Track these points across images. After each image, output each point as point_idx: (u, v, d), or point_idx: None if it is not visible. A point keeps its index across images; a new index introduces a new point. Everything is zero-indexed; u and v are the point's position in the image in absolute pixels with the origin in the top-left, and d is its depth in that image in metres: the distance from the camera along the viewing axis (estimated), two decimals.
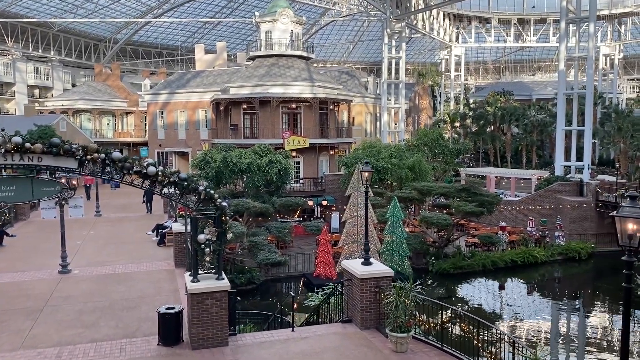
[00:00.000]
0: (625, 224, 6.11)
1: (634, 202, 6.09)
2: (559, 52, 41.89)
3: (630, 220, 6.04)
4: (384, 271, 13.04)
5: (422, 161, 36.69)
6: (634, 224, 6.02)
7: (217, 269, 12.06)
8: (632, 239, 6.05)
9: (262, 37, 46.43)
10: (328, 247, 28.44)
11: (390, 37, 54.30)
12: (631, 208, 6.05)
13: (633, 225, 6.03)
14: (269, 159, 33.46)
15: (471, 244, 34.45)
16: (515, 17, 68.72)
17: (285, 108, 43.57)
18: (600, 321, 26.33)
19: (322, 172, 43.66)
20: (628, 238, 6.10)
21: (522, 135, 63.12)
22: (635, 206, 6.03)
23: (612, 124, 47.91)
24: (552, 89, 79.88)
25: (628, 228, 6.07)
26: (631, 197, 6.19)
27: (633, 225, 6.02)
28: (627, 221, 6.09)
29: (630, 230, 6.04)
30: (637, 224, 6.01)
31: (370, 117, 57.83)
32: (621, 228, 6.17)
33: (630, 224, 6.04)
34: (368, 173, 13.68)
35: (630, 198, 6.18)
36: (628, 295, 6.26)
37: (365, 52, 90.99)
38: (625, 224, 6.11)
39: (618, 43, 70.52)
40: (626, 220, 6.09)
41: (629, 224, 6.05)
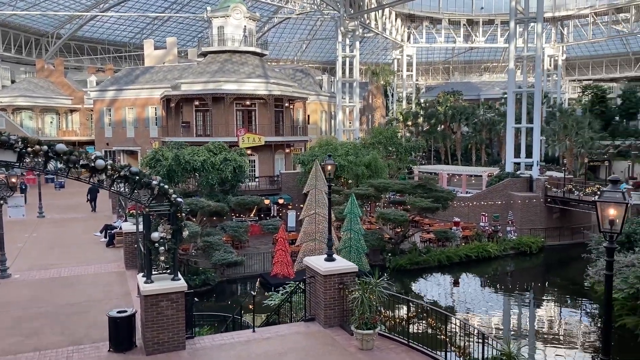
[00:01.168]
0: (606, 209, 5.95)
1: (615, 187, 5.94)
2: (509, 51, 42.95)
3: (612, 205, 5.89)
4: (348, 267, 12.70)
5: (378, 158, 36.74)
6: (615, 209, 5.88)
7: (172, 269, 11.36)
8: (613, 224, 5.90)
9: (214, 32, 45.30)
10: (286, 245, 27.93)
11: (344, 36, 54.29)
12: (612, 193, 5.90)
13: (614, 210, 5.88)
14: (223, 157, 32.62)
15: (426, 239, 34.76)
16: (465, 18, 70.16)
17: (240, 105, 42.70)
18: (549, 313, 26.99)
19: (278, 171, 43.05)
20: (609, 224, 5.94)
21: (472, 133, 64.63)
22: (616, 191, 5.88)
23: (558, 122, 49.59)
24: (499, 89, 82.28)
25: (609, 214, 5.92)
26: (612, 181, 6.04)
27: (614, 211, 5.87)
28: (608, 206, 5.93)
29: (612, 216, 5.89)
30: (618, 209, 5.86)
31: (326, 115, 57.64)
32: (602, 214, 6.01)
33: (611, 209, 5.89)
34: (331, 166, 13.30)
35: (611, 182, 6.03)
36: (609, 283, 6.12)
37: (319, 51, 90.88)
38: (606, 210, 5.95)
39: (561, 45, 73.25)
40: (607, 205, 5.93)
41: (610, 209, 5.90)
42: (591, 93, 79.34)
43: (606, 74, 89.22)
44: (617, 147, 63.79)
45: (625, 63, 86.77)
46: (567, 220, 39.31)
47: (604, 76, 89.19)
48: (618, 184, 5.99)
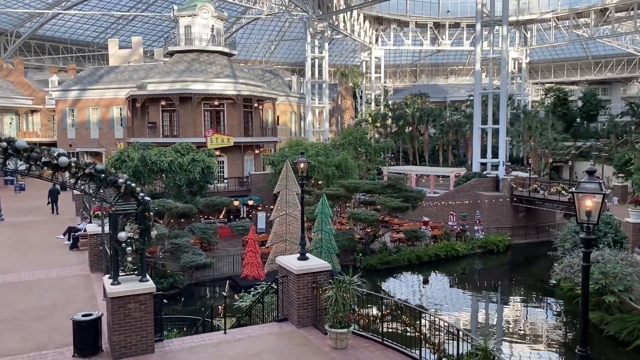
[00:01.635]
0: (583, 200, 5.97)
1: (592, 178, 5.97)
2: (475, 53, 43.67)
3: (588, 196, 5.91)
4: (321, 266, 12.55)
5: (349, 159, 36.78)
6: (592, 200, 5.90)
7: (140, 270, 10.99)
8: (590, 215, 5.92)
9: (181, 31, 44.59)
10: (256, 247, 27.59)
11: (313, 37, 54.23)
12: (589, 184, 5.92)
13: (591, 201, 5.89)
14: (191, 157, 32.05)
15: (396, 239, 34.96)
16: (431, 21, 71.03)
17: (208, 105, 42.11)
18: (517, 311, 27.42)
19: (247, 172, 42.62)
20: (586, 215, 5.96)
21: (439, 135, 65.52)
22: (593, 182, 5.91)
23: (522, 123, 50.68)
24: (465, 91, 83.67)
25: (585, 204, 5.93)
26: (589, 172, 6.06)
27: (591, 202, 5.89)
28: (585, 197, 5.95)
29: (588, 207, 5.91)
30: (595, 200, 5.89)
31: (295, 116, 57.46)
32: (579, 205, 6.02)
33: (588, 200, 5.91)
34: (304, 164, 13.14)
35: (588, 173, 6.05)
36: (586, 274, 6.14)
37: (288, 52, 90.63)
38: (583, 201, 5.97)
39: (525, 48, 74.98)
40: (584, 196, 5.94)
41: (587, 200, 5.91)
42: (553, 95, 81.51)
43: (567, 77, 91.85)
44: (579, 148, 65.69)
45: (586, 67, 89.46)
46: (532, 219, 40.14)
47: (566, 79, 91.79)
48: (594, 174, 6.02)
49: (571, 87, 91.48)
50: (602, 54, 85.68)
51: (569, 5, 67.68)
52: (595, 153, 62.02)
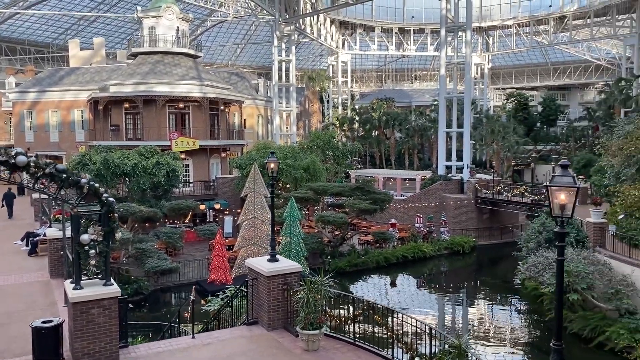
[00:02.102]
0: (556, 194, 6.00)
1: (565, 172, 6.01)
2: (440, 57, 44.35)
3: (562, 190, 5.94)
4: (292, 267, 12.36)
5: (317, 162, 36.71)
6: (566, 193, 5.94)
7: (104, 274, 10.57)
8: (564, 209, 5.96)
9: (145, 33, 43.76)
10: (223, 251, 27.18)
11: (279, 40, 54.05)
12: (562, 177, 5.96)
13: (564, 195, 5.93)
14: (155, 160, 31.37)
15: (364, 242, 35.06)
16: (397, 27, 71.79)
17: (172, 108, 41.39)
18: (483, 311, 27.82)
19: (213, 175, 42.02)
20: (560, 208, 5.99)
21: (405, 139, 66.27)
22: (567, 175, 5.95)
23: (485, 127, 51.69)
24: (429, 96, 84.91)
25: (559, 198, 5.97)
26: (562, 166, 6.10)
27: (564, 195, 5.93)
28: (558, 191, 5.98)
29: (562, 201, 5.95)
30: (569, 194, 5.92)
31: (262, 120, 57.07)
32: (553, 198, 6.05)
33: (562, 194, 5.94)
34: (274, 164, 12.95)
35: (561, 167, 6.09)
36: (560, 268, 6.17)
37: (254, 55, 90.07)
38: (557, 195, 6.00)
39: (487, 54, 76.64)
40: (558, 190, 5.97)
41: (561, 194, 5.95)
42: (515, 100, 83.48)
43: (528, 83, 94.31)
44: (539, 151, 67.49)
45: (545, 73, 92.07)
46: (496, 220, 40.92)
47: (526, 85, 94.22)
48: (567, 169, 6.07)
49: (531, 93, 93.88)
50: (561, 60, 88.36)
51: (529, 13, 69.54)
52: (555, 156, 63.76)
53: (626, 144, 21.85)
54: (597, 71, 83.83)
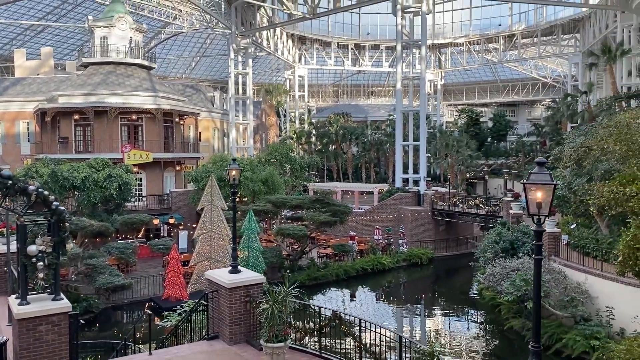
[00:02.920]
0: (533, 191, 5.91)
1: (542, 169, 5.94)
2: (396, 72, 45.02)
3: (539, 187, 5.86)
4: (254, 278, 11.93)
5: (275, 174, 36.28)
6: (542, 191, 5.85)
7: (53, 288, 9.85)
8: (541, 207, 5.87)
9: (96, 43, 42.50)
10: (178, 266, 26.31)
11: (236, 53, 53.62)
12: (539, 175, 5.88)
13: (541, 192, 5.85)
14: (107, 173, 30.21)
15: (324, 255, 34.80)
16: (353, 42, 72.73)
17: (125, 119, 40.21)
18: (441, 322, 27.93)
19: (167, 189, 40.91)
20: (537, 207, 5.91)
21: (362, 153, 66.88)
22: (543, 172, 5.87)
23: (440, 141, 52.70)
24: (384, 111, 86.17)
25: (536, 196, 5.88)
26: (539, 163, 6.03)
27: (541, 193, 5.85)
28: (535, 188, 5.89)
29: (539, 199, 5.86)
30: (545, 191, 5.85)
31: (218, 133, 56.24)
32: (529, 196, 5.96)
33: (538, 192, 5.86)
34: (236, 171, 12.52)
35: (537, 164, 6.02)
36: (538, 267, 6.08)
37: (209, 69, 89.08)
38: (533, 192, 5.91)
39: (440, 70, 78.62)
40: (535, 187, 5.89)
41: (538, 191, 5.86)
42: (466, 116, 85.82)
43: (478, 100, 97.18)
44: (491, 165, 69.40)
45: (495, 90, 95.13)
46: (452, 232, 41.52)
47: (477, 101, 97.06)
48: (544, 166, 6.01)
49: (482, 109, 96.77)
50: (510, 78, 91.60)
51: (480, 31, 71.90)
52: (506, 170, 65.75)
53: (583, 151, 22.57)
54: (544, 89, 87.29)
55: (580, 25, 60.27)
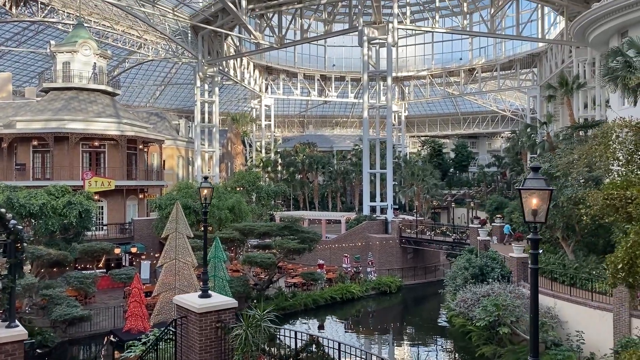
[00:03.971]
0: (529, 198, 5.73)
1: (537, 175, 5.78)
2: (363, 101, 45.56)
3: (534, 193, 5.68)
4: (226, 303, 11.36)
5: (243, 201, 35.67)
6: (538, 197, 5.69)
7: (7, 313, 9.08)
8: (536, 214, 5.69)
9: (58, 68, 41.48)
10: (141, 297, 25.21)
11: (202, 81, 53.30)
12: (534, 181, 5.71)
13: (537, 199, 5.68)
14: (67, 200, 28.96)
15: (291, 284, 34.11)
16: (319, 74, 73.62)
17: (87, 146, 39.06)
18: (410, 351, 27.51)
19: (130, 217, 39.63)
20: (532, 214, 5.73)
21: (328, 182, 66.95)
22: (539, 178, 5.71)
23: (405, 170, 53.25)
24: (350, 142, 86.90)
25: (532, 203, 5.71)
26: (533, 168, 5.88)
27: (537, 199, 5.67)
28: (531, 195, 5.72)
29: (535, 205, 5.69)
30: (541, 198, 5.68)
31: (183, 161, 55.30)
32: (525, 203, 5.78)
33: (534, 198, 5.69)
34: (207, 190, 12.05)
35: (532, 170, 5.87)
36: (535, 278, 5.86)
37: (174, 98, 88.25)
38: (529, 199, 5.73)
39: (403, 102, 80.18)
40: (531, 193, 5.71)
41: (534, 198, 5.69)
42: (429, 147, 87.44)
43: (440, 131, 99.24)
44: (454, 195, 70.54)
45: (456, 122, 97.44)
46: (420, 260, 41.52)
47: (439, 133, 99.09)
48: (539, 171, 5.86)
49: (444, 140, 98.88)
50: (470, 110, 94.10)
51: (442, 64, 73.99)
52: (469, 200, 66.90)
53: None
54: (503, 121, 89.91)
55: (538, 60, 62.77)
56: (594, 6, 29.84)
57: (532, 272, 5.78)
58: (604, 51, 33.78)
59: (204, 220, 12.75)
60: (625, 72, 22.11)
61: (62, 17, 56.03)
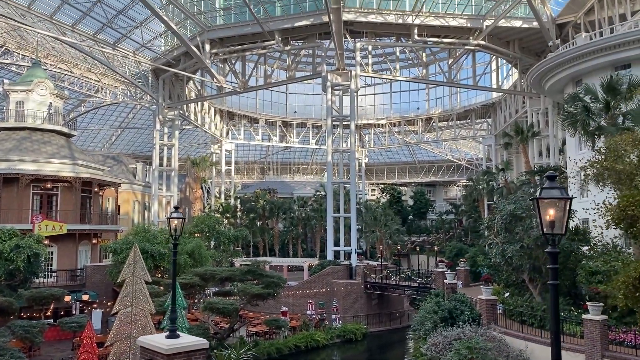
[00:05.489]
0: (547, 208, 5.39)
1: (553, 183, 5.47)
2: (327, 145, 45.64)
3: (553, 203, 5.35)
4: (197, 343, 10.37)
5: (203, 246, 34.39)
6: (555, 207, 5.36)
7: None
8: (554, 226, 5.35)
9: (11, 107, 39.93)
10: (93, 347, 23.42)
11: (162, 124, 52.41)
12: (551, 190, 5.39)
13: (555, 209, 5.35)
14: (15, 243, 27.14)
15: (253, 332, 32.68)
16: (280, 120, 74.04)
17: (38, 188, 37.23)
18: None
19: (81, 264, 37.51)
20: (550, 225, 5.38)
21: (289, 228, 66.03)
22: (556, 187, 5.40)
23: (368, 215, 53.18)
24: (310, 188, 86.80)
25: (550, 213, 5.37)
26: (549, 177, 5.57)
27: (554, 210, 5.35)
28: (549, 205, 5.38)
29: (551, 216, 5.35)
30: (558, 207, 5.35)
31: (139, 206, 53.50)
32: (543, 214, 5.43)
33: (551, 209, 5.35)
34: (178, 221, 11.28)
35: (548, 179, 5.56)
36: (555, 293, 5.45)
37: (130, 142, 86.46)
38: (547, 209, 5.39)
39: (363, 149, 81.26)
40: (548, 204, 5.37)
41: (551, 208, 5.36)
42: (389, 194, 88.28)
43: (399, 179, 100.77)
44: (414, 242, 70.87)
45: (414, 170, 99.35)
46: (385, 306, 40.82)
47: (397, 181, 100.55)
48: (555, 179, 5.56)
49: (402, 188, 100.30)
50: (427, 159, 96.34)
51: (400, 114, 75.89)
52: (428, 246, 67.29)
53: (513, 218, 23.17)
54: (458, 170, 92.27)
55: (492, 110, 65.26)
56: (549, 56, 31.37)
57: (552, 288, 5.38)
58: (560, 99, 35.41)
59: (173, 254, 11.91)
60: (584, 117, 22.98)
61: (16, 58, 54.69)
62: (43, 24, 45.42)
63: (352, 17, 43.80)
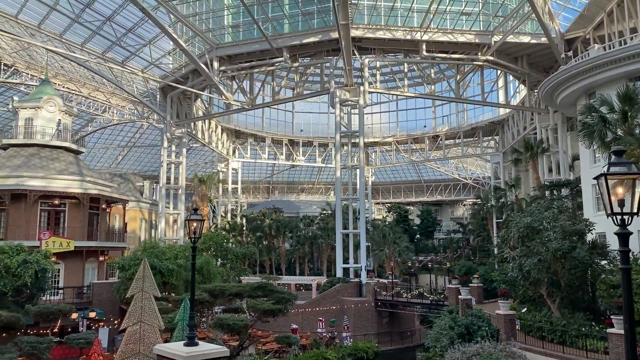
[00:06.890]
0: (615, 186, 4.99)
1: (621, 158, 5.07)
2: (336, 161, 45.35)
3: (622, 179, 4.95)
4: (217, 350, 9.93)
5: (212, 262, 33.89)
6: (625, 185, 4.96)
7: None
8: (623, 205, 4.95)
9: (20, 124, 39.99)
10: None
11: (170, 142, 52.29)
12: (619, 166, 4.98)
13: (625, 187, 4.95)
14: (22, 259, 26.76)
15: (263, 351, 31.94)
16: (287, 138, 73.96)
17: (46, 204, 37.01)
18: None
19: (88, 281, 37.02)
20: (619, 204, 4.98)
21: (296, 247, 65.44)
22: (624, 162, 5.00)
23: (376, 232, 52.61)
24: (316, 207, 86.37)
25: (618, 192, 4.97)
26: (616, 152, 5.18)
27: (624, 188, 4.95)
28: (617, 183, 4.98)
29: (620, 195, 4.95)
30: (630, 184, 4.95)
31: (146, 224, 53.13)
32: (611, 192, 5.01)
33: (620, 187, 4.96)
34: (197, 222, 10.90)
35: (615, 154, 5.16)
36: (628, 278, 5.03)
37: (137, 162, 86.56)
38: (615, 187, 4.99)
39: (370, 167, 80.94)
40: (617, 181, 4.96)
41: (619, 187, 4.96)
42: (395, 212, 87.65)
43: (405, 198, 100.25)
44: (421, 261, 70.07)
45: (420, 189, 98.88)
46: (396, 324, 40.01)
47: (403, 200, 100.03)
48: (622, 155, 5.17)
49: (408, 207, 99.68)
50: (433, 178, 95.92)
51: (407, 132, 75.70)
52: (437, 266, 66.43)
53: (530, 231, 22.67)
54: (465, 189, 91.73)
55: (499, 128, 64.97)
56: (562, 68, 31.17)
57: (624, 271, 4.96)
58: (571, 113, 35.11)
59: (192, 257, 11.50)
60: (601, 127, 22.64)
61: (25, 78, 55.03)
62: (52, 43, 45.77)
63: (361, 33, 43.93)
